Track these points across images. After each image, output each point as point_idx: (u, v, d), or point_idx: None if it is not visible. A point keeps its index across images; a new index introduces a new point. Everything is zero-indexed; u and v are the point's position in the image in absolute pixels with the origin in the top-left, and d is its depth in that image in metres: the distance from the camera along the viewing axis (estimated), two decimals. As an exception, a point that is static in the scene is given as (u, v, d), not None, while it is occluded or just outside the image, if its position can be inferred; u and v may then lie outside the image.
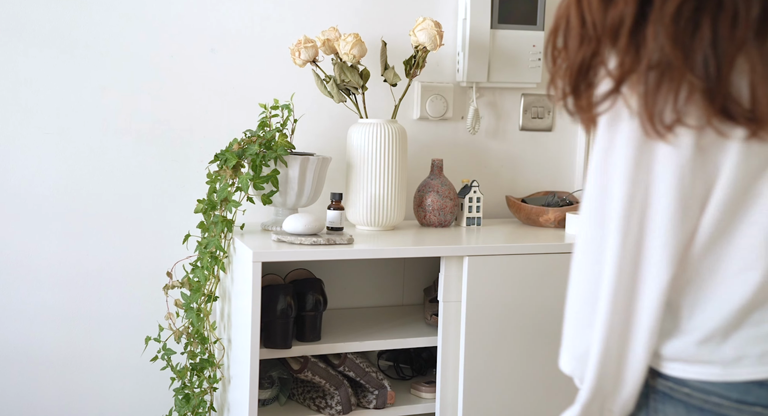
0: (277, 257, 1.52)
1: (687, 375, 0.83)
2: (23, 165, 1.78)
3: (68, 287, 1.82)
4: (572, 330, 0.89)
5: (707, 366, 0.82)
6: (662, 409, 0.86)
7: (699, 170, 0.80)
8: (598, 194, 0.84)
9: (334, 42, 1.77)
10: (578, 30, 0.80)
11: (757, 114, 0.75)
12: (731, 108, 0.75)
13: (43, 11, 1.76)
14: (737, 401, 0.80)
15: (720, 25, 0.74)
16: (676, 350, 0.84)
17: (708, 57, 0.74)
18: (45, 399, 1.84)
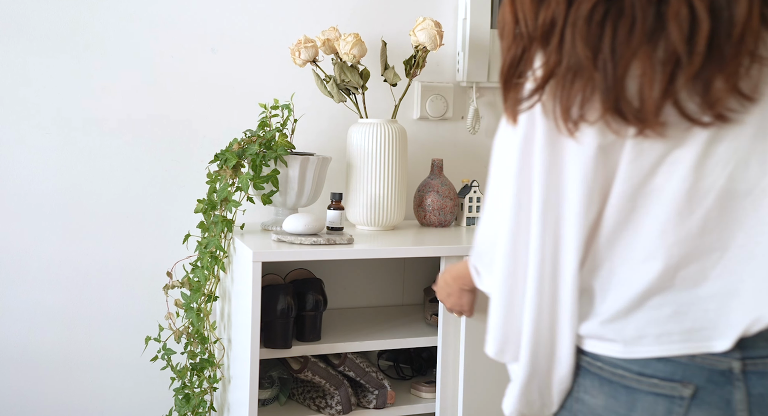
0: (277, 257, 1.52)
1: (598, 350, 0.94)
2: (23, 165, 1.78)
3: (68, 286, 1.83)
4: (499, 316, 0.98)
5: (613, 344, 0.92)
6: (582, 382, 0.96)
7: (601, 166, 0.89)
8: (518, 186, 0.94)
9: (334, 42, 1.77)
10: (511, 28, 0.89)
11: (643, 114, 0.84)
12: (623, 107, 0.84)
13: (44, 11, 1.76)
14: (637, 373, 0.91)
15: (619, 30, 0.83)
16: (590, 329, 0.94)
17: (607, 59, 0.83)
18: (45, 398, 1.84)
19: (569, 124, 0.87)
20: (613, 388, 0.93)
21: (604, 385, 0.94)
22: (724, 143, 0.87)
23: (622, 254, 0.92)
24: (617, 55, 0.83)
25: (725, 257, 0.89)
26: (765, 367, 0.89)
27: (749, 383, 0.89)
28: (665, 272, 0.89)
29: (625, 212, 0.90)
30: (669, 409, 0.89)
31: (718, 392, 0.89)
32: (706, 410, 0.89)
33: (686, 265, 0.89)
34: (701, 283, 0.90)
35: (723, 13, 0.82)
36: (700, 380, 0.90)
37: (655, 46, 0.83)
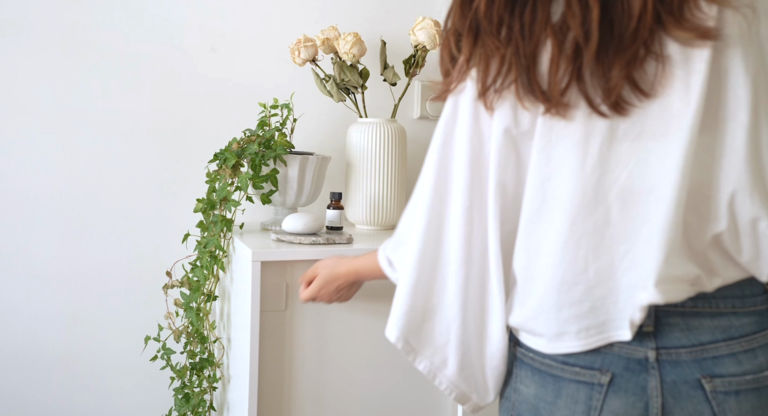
0: (277, 257, 1.52)
1: (529, 343, 1.00)
2: (23, 165, 1.78)
3: (68, 286, 1.83)
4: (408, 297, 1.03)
5: (539, 338, 0.98)
6: (518, 373, 1.03)
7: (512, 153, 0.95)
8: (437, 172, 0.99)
9: (333, 41, 1.77)
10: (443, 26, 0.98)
11: (550, 92, 0.90)
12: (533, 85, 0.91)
13: (43, 11, 1.76)
14: (562, 362, 0.97)
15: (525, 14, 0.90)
16: (520, 322, 0.99)
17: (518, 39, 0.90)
18: (45, 398, 1.84)
19: (486, 99, 0.93)
20: (542, 377, 0.99)
21: (535, 375, 1.00)
22: (626, 142, 0.91)
23: (537, 245, 0.95)
24: (525, 39, 0.90)
25: (631, 251, 0.93)
26: (678, 357, 0.94)
27: (663, 371, 0.95)
28: (577, 265, 0.93)
29: (537, 202, 0.94)
30: (589, 395, 0.96)
31: (633, 379, 0.95)
32: (622, 396, 0.95)
33: (596, 258, 0.93)
34: (612, 276, 0.93)
35: (619, 3, 0.87)
36: (618, 368, 0.95)
37: (562, 29, 0.89)
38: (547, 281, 0.95)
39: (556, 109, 0.90)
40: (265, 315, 1.52)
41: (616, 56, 0.88)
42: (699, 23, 0.87)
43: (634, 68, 0.88)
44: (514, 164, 0.95)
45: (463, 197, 0.97)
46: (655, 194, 0.91)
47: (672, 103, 0.89)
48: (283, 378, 1.56)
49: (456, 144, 0.98)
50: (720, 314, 0.95)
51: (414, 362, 1.07)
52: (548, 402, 0.98)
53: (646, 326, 0.95)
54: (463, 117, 0.97)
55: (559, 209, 0.93)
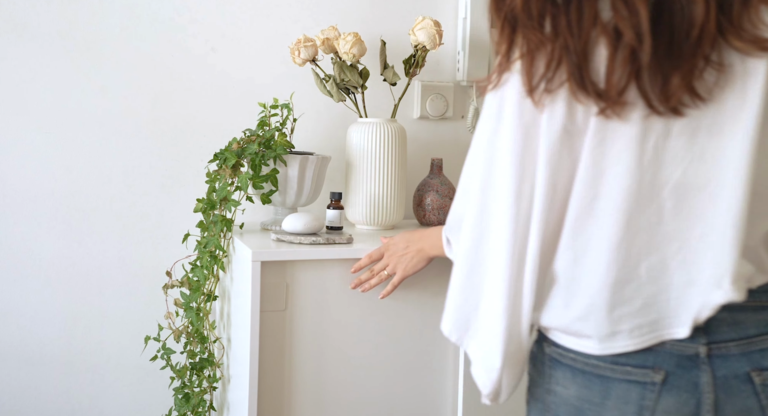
0: (277, 257, 1.52)
1: (571, 345, 0.97)
2: (23, 165, 1.78)
3: (68, 286, 1.83)
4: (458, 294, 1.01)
5: (587, 340, 0.95)
6: (554, 373, 1.00)
7: (565, 150, 0.92)
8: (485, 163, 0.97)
9: (333, 41, 1.77)
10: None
11: (607, 92, 0.88)
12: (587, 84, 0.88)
13: (43, 11, 1.76)
14: (612, 362, 0.94)
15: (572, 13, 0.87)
16: (562, 324, 0.96)
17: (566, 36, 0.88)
18: (45, 398, 1.84)
19: (535, 95, 0.91)
20: (586, 378, 0.96)
21: (577, 376, 0.97)
22: (682, 139, 0.91)
23: (586, 243, 0.94)
24: (575, 36, 0.88)
25: (684, 249, 0.92)
26: (728, 351, 0.94)
27: (714, 366, 0.94)
28: (630, 263, 0.92)
29: (589, 199, 0.92)
30: (642, 395, 0.94)
31: (686, 376, 0.94)
32: (675, 393, 0.94)
33: (648, 255, 0.92)
34: (664, 273, 0.93)
35: (681, 9, 0.86)
36: (670, 365, 0.94)
37: (615, 28, 0.87)
38: (599, 280, 0.93)
39: (613, 108, 0.88)
40: (265, 314, 1.52)
41: (676, 65, 0.87)
42: (759, 34, 0.86)
43: (694, 78, 0.88)
44: (565, 160, 0.93)
45: (511, 195, 0.94)
46: (708, 190, 0.91)
47: (729, 102, 0.89)
48: (283, 378, 1.56)
49: (503, 141, 0.95)
50: (763, 307, 0.95)
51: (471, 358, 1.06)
52: (595, 404, 0.96)
53: (698, 320, 0.93)
54: (509, 113, 0.94)
55: (614, 207, 0.91)
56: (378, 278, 1.51)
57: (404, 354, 1.63)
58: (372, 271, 1.52)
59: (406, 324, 1.62)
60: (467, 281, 1.01)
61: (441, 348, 1.65)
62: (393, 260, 1.49)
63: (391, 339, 1.62)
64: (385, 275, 1.51)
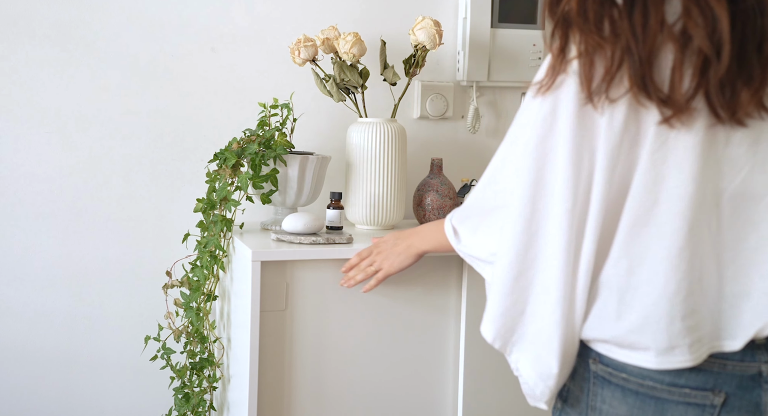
0: (277, 257, 1.51)
1: (624, 359, 0.92)
2: (23, 164, 1.78)
3: (68, 286, 1.83)
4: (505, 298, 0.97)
5: (643, 353, 0.90)
6: (600, 393, 0.95)
7: (624, 152, 0.89)
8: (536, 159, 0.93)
9: (333, 41, 1.77)
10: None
11: (674, 100, 0.85)
12: (650, 88, 0.85)
13: (43, 11, 1.76)
14: (669, 384, 0.90)
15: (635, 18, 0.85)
16: (615, 336, 0.92)
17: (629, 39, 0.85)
18: (45, 398, 1.84)
19: (594, 98, 0.88)
20: (639, 399, 0.92)
21: (628, 396, 0.93)
22: (743, 146, 0.89)
23: (644, 251, 0.90)
24: (638, 39, 0.85)
25: (738, 259, 0.90)
26: None
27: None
28: (693, 273, 0.88)
29: (649, 204, 0.89)
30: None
31: (747, 396, 0.91)
32: (735, 415, 0.90)
33: (705, 265, 0.89)
34: (717, 284, 0.90)
35: (754, 19, 0.84)
36: (731, 387, 0.90)
37: (684, 35, 0.84)
38: (657, 290, 0.88)
39: (679, 117, 0.86)
40: (265, 314, 1.52)
41: (746, 79, 0.86)
42: None
43: (765, 93, 0.86)
44: (624, 165, 0.90)
45: (567, 198, 0.91)
46: (766, 200, 0.90)
47: None
48: (283, 378, 1.56)
49: (559, 144, 0.91)
50: None
51: (516, 364, 1.02)
52: None
53: (759, 338, 0.90)
54: (566, 117, 0.90)
55: (675, 213, 0.88)
56: (364, 273, 1.50)
57: (405, 353, 1.63)
58: (358, 267, 1.51)
59: (406, 324, 1.62)
60: (515, 285, 0.96)
61: (441, 348, 1.65)
62: (380, 257, 1.48)
63: (392, 338, 1.62)
64: (371, 271, 1.49)
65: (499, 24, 1.99)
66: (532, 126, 0.94)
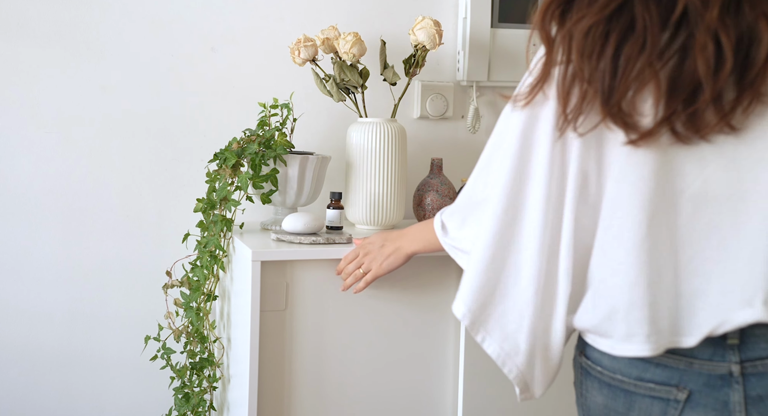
0: (277, 257, 1.52)
1: (595, 344, 0.99)
2: (23, 164, 1.78)
3: (68, 286, 1.83)
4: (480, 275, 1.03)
5: (606, 339, 0.97)
6: (585, 382, 1.03)
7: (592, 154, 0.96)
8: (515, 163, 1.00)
9: (333, 41, 1.77)
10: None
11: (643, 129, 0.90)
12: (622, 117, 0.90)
13: (44, 11, 1.76)
14: (636, 378, 0.96)
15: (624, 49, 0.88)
16: (592, 325, 0.98)
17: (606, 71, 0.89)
18: (45, 398, 1.84)
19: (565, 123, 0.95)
20: (611, 391, 0.98)
21: (603, 388, 1.00)
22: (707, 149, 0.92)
23: (612, 244, 0.95)
24: (618, 71, 0.89)
25: (697, 258, 0.93)
26: (765, 369, 0.92)
27: (747, 385, 0.92)
28: (650, 265, 0.93)
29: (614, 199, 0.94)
30: (664, 410, 0.95)
31: (714, 394, 0.93)
32: (702, 411, 0.93)
33: (664, 261, 0.93)
34: (674, 281, 0.93)
35: (742, 52, 0.87)
36: (697, 385, 0.93)
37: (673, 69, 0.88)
38: (621, 280, 0.93)
39: (643, 141, 0.90)
40: (265, 314, 1.52)
41: (719, 105, 0.89)
42: None
43: (733, 115, 0.89)
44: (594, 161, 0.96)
45: (543, 187, 0.97)
46: (730, 202, 0.91)
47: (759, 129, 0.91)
48: (283, 378, 1.56)
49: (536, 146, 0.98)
50: None
51: (482, 343, 1.07)
52: (620, 413, 0.98)
53: (731, 338, 0.92)
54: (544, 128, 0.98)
55: (637, 206, 0.92)
56: (353, 277, 1.50)
57: (404, 353, 1.63)
58: (346, 271, 1.51)
59: (406, 324, 1.62)
60: (490, 265, 1.02)
61: (442, 347, 1.65)
62: (368, 259, 1.48)
63: (391, 338, 1.62)
64: (360, 273, 1.49)
65: (499, 24, 1.99)
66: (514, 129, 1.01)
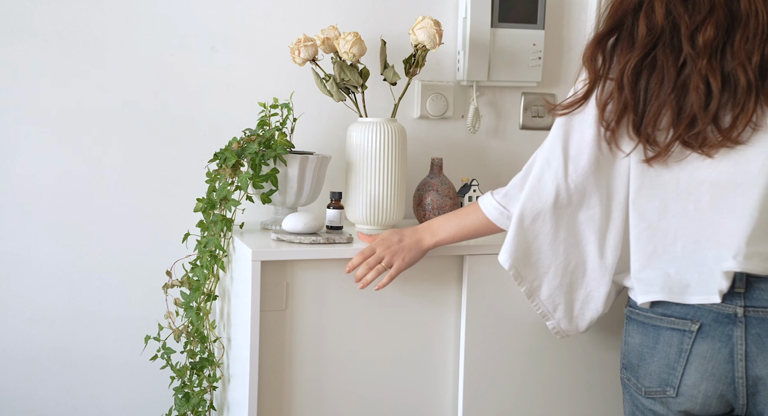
0: (277, 257, 1.51)
1: (632, 296, 1.33)
2: (23, 164, 1.78)
3: (68, 286, 1.83)
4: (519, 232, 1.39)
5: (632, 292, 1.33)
6: (628, 328, 1.34)
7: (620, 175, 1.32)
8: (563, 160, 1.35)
9: (333, 41, 1.77)
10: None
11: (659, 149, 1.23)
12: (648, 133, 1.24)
13: (43, 11, 1.76)
14: (661, 314, 1.27)
15: (652, 81, 1.22)
16: (628, 282, 1.34)
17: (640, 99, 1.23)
18: (45, 397, 1.84)
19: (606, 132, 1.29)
20: (645, 328, 1.28)
21: (639, 327, 1.30)
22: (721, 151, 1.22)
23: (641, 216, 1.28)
24: (648, 98, 1.22)
25: (717, 234, 1.21)
26: (765, 314, 1.18)
27: (749, 324, 1.19)
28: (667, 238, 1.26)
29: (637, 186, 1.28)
30: (681, 340, 1.23)
31: (720, 329, 1.21)
32: (709, 341, 1.21)
33: (684, 237, 1.24)
34: (697, 252, 1.23)
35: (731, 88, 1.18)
36: (707, 319, 1.22)
37: (679, 100, 1.19)
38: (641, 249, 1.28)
39: (661, 156, 1.23)
40: (265, 314, 1.52)
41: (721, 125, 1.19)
42: None
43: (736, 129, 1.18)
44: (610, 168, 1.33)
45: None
46: (742, 187, 1.19)
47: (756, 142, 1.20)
48: (283, 378, 1.56)
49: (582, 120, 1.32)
50: None
51: (519, 285, 1.41)
52: (650, 348, 1.27)
53: (738, 288, 1.19)
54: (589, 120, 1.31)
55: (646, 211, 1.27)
56: (375, 271, 1.50)
57: (405, 353, 1.63)
58: (368, 265, 1.51)
59: (406, 324, 1.62)
60: (531, 225, 1.37)
61: (442, 347, 1.65)
62: (389, 253, 1.50)
63: (392, 338, 1.62)
64: (383, 267, 1.50)
65: (499, 24, 1.99)
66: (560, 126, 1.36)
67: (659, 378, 1.26)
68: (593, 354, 1.72)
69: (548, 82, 2.10)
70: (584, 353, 1.72)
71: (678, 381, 1.23)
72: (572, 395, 1.73)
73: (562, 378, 1.71)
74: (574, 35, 2.11)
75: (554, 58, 2.10)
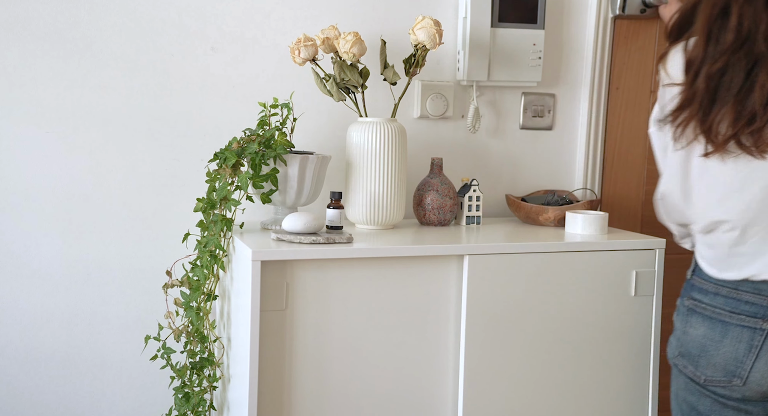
0: (277, 256, 1.52)
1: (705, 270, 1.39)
2: (23, 164, 1.78)
3: (68, 286, 1.83)
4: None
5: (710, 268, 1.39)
6: (690, 320, 1.40)
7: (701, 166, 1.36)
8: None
9: (333, 40, 1.77)
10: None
11: (717, 144, 1.29)
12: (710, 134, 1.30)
13: (43, 11, 1.76)
14: (730, 311, 1.33)
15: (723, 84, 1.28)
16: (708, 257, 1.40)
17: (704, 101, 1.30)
18: (45, 397, 1.84)
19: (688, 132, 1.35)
20: (712, 323, 1.35)
21: (705, 320, 1.36)
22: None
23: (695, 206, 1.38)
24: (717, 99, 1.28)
25: None
26: None
27: None
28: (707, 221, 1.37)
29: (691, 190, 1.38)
30: (751, 337, 1.30)
31: None
32: None
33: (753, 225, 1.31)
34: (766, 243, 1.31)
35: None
36: None
37: (742, 100, 1.26)
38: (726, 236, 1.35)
39: (719, 153, 1.29)
40: (265, 314, 1.52)
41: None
42: None
43: None
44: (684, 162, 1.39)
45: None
46: None
47: None
48: (283, 378, 1.56)
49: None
50: None
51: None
52: (715, 341, 1.33)
53: None
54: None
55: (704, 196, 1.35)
56: None
57: (404, 353, 1.63)
58: None
59: (406, 323, 1.62)
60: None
61: (442, 347, 1.65)
62: None
63: (392, 338, 1.62)
64: None
65: (499, 24, 1.99)
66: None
67: (725, 370, 1.32)
68: (593, 353, 1.72)
69: (548, 82, 2.10)
70: (584, 353, 1.72)
71: (747, 373, 1.31)
72: (572, 394, 1.73)
73: (562, 377, 1.71)
74: (574, 35, 2.11)
75: (554, 58, 2.10)
